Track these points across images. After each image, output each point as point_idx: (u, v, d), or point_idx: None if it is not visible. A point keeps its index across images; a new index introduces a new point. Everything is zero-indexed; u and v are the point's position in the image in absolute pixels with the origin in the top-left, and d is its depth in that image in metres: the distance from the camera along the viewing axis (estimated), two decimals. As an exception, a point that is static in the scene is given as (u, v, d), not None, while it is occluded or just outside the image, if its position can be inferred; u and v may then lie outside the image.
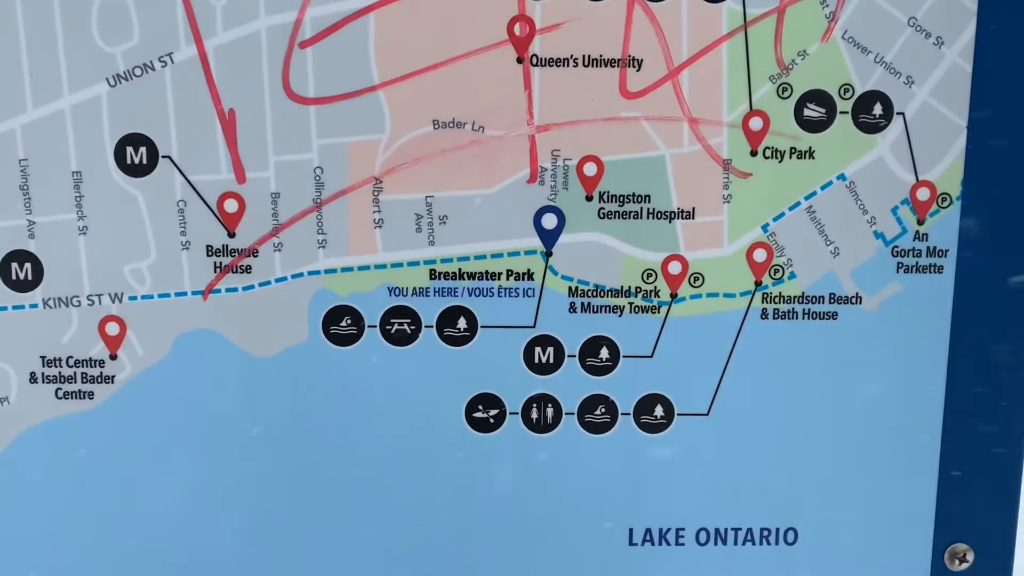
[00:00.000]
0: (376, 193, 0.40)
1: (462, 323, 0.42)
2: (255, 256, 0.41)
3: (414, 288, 0.41)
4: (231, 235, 0.40)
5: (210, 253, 0.40)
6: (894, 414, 0.43)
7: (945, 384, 0.43)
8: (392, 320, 0.42)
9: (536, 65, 0.40)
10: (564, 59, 0.40)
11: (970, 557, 0.44)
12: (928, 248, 0.42)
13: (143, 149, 0.39)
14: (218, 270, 0.41)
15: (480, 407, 0.43)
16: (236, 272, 0.41)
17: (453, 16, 0.39)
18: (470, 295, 0.42)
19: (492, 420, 0.43)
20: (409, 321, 0.42)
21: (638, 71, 0.40)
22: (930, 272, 0.42)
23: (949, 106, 0.41)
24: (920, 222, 0.42)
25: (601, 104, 0.40)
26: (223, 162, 0.40)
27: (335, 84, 0.39)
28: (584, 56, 0.40)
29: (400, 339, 0.42)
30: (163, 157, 0.39)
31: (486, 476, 0.43)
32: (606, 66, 0.40)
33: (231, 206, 0.40)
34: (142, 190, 0.40)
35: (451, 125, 0.40)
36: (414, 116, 0.40)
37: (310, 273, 0.41)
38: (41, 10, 0.38)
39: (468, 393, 0.43)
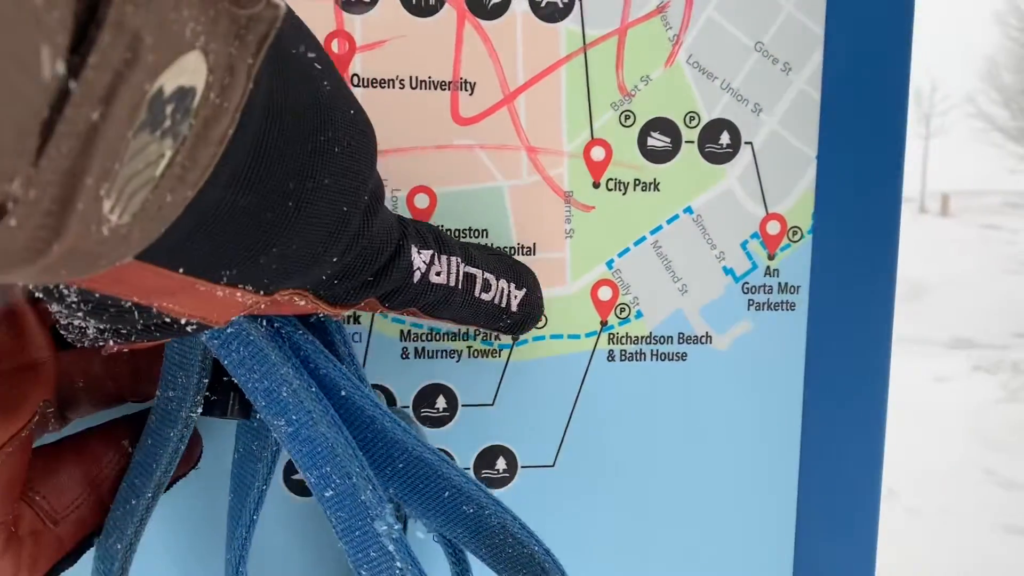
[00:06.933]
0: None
1: (280, 373, 0.37)
2: None
3: (222, 336, 0.37)
4: None
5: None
6: (749, 457, 0.41)
7: (801, 425, 0.41)
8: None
9: (358, 86, 0.36)
10: (390, 80, 0.36)
11: (828, 603, 0.43)
12: (780, 284, 0.40)
13: None
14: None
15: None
16: None
17: (262, 30, 0.35)
18: (289, 342, 0.37)
19: (316, 481, 0.38)
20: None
21: (471, 95, 0.37)
22: (782, 309, 0.40)
23: (798, 135, 0.39)
24: (771, 257, 0.40)
25: (432, 130, 0.37)
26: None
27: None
28: (412, 77, 0.36)
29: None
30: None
31: (310, 544, 0.39)
32: (436, 88, 0.37)
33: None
34: None
35: (261, 153, 0.36)
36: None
37: None
38: None
39: (286, 454, 0.38)
